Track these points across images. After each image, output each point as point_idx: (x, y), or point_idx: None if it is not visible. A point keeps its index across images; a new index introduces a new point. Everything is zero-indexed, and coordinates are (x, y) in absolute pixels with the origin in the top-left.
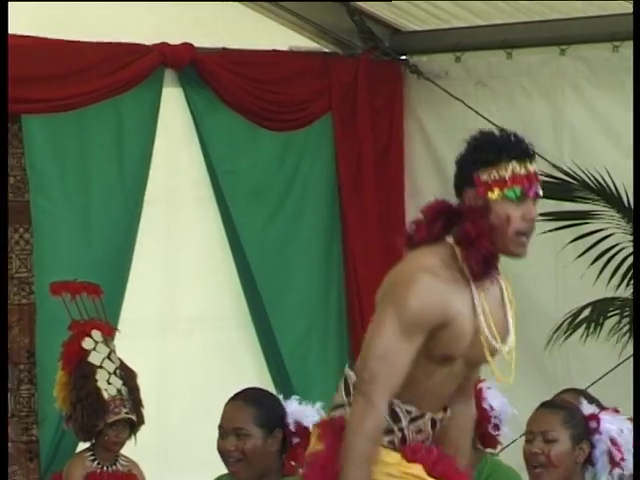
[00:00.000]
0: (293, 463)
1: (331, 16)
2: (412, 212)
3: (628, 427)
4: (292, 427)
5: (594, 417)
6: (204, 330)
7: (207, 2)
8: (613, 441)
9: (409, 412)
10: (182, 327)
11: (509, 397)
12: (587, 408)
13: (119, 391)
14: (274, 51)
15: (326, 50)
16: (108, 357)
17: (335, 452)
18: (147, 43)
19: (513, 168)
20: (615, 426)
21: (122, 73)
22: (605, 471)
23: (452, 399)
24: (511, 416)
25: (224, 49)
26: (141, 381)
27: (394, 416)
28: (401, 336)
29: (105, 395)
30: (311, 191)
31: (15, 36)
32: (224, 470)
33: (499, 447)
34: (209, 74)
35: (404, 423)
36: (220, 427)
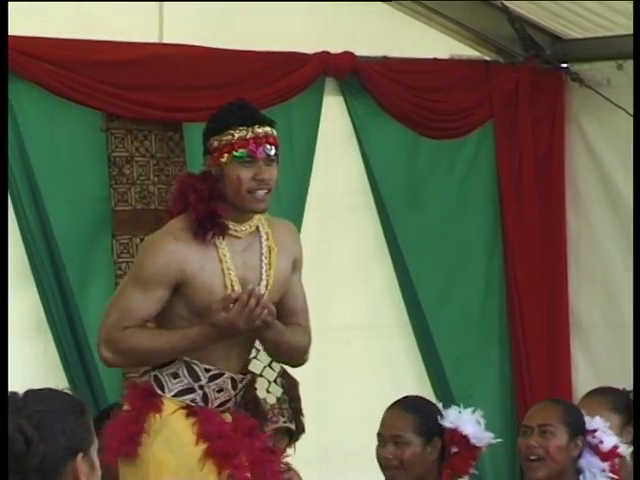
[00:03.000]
0: (450, 472)
1: (492, 23)
2: (573, 220)
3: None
4: (451, 436)
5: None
6: (362, 338)
7: (368, 11)
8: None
9: (208, 370)
10: (339, 335)
11: None
12: None
13: (278, 399)
14: (435, 59)
15: (487, 58)
16: (269, 365)
17: (138, 413)
18: (309, 52)
19: (239, 133)
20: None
21: (284, 82)
22: (597, 467)
23: None
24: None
25: (385, 57)
26: (301, 389)
27: (193, 374)
28: (139, 291)
29: (264, 404)
30: (472, 200)
31: (176, 45)
32: (382, 478)
33: None
34: (370, 82)
35: (203, 381)
36: (379, 435)
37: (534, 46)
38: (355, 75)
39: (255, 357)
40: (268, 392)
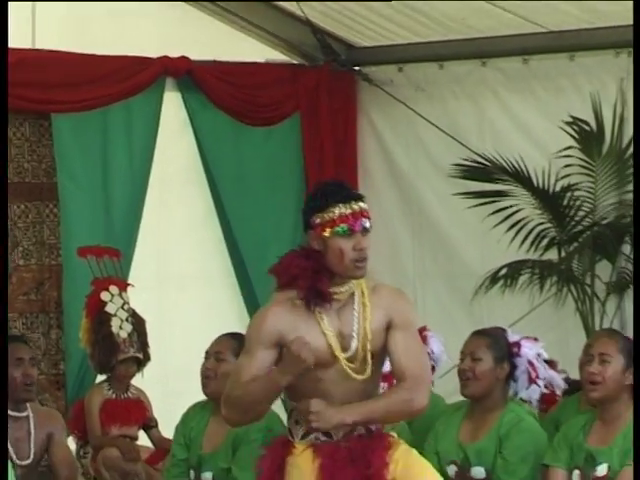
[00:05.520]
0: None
1: (299, 34)
2: (364, 192)
3: (543, 352)
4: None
5: (516, 343)
6: (195, 286)
7: (202, 22)
8: (530, 363)
9: None
10: (177, 283)
11: (448, 332)
12: (512, 337)
13: (129, 335)
14: (254, 63)
15: (295, 62)
16: (122, 307)
17: (277, 458)
18: (152, 56)
19: (339, 210)
20: (533, 351)
21: (132, 80)
22: (524, 387)
23: None
24: (446, 352)
25: (214, 61)
26: (147, 326)
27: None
28: (246, 356)
29: (117, 338)
30: (282, 175)
31: (45, 51)
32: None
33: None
34: (202, 81)
35: None
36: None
37: (332, 52)
38: (190, 75)
39: (111, 300)
40: (121, 329)
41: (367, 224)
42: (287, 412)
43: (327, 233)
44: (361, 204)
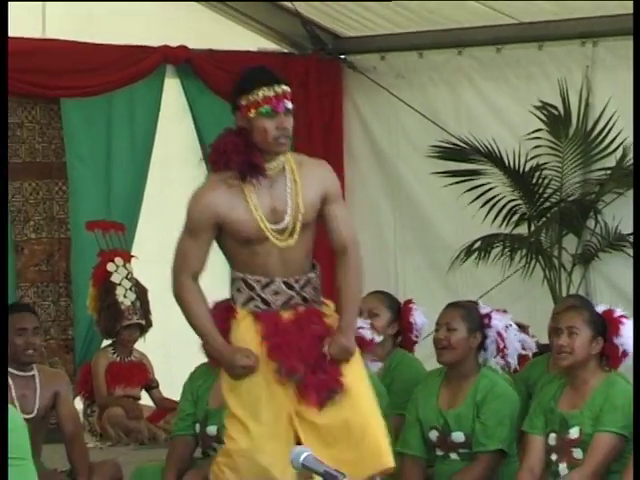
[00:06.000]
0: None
1: (289, 25)
2: (348, 172)
3: (512, 324)
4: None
5: (487, 315)
6: None
7: (201, 14)
8: (499, 334)
9: (259, 281)
10: None
11: (427, 301)
12: (483, 309)
13: (133, 302)
14: (247, 51)
15: (285, 50)
16: (126, 277)
17: (224, 321)
18: (153, 45)
19: (263, 92)
20: (502, 323)
21: (135, 68)
22: (492, 355)
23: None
24: (426, 321)
25: (211, 50)
26: (150, 295)
27: (249, 286)
28: (189, 236)
29: (122, 305)
30: None
31: (55, 40)
32: (198, 359)
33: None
34: (200, 68)
35: (258, 290)
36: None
37: (320, 42)
38: (189, 63)
39: (116, 271)
40: (125, 297)
41: (289, 105)
42: (230, 281)
43: (252, 114)
44: (284, 87)
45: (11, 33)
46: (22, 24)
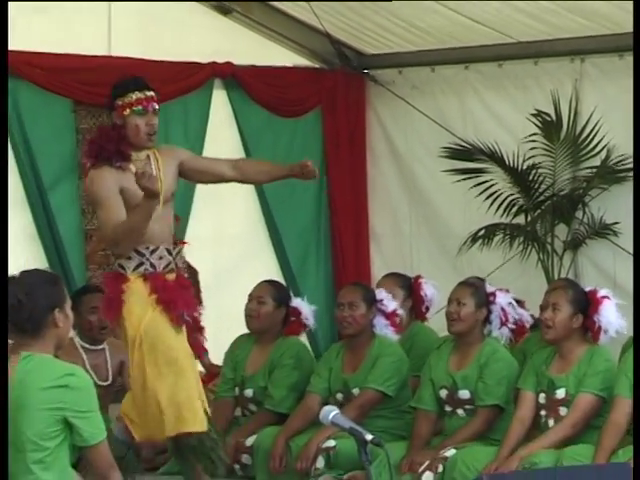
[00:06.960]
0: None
1: (320, 44)
2: (371, 171)
3: (513, 302)
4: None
5: (492, 293)
6: (237, 247)
7: (244, 34)
8: (502, 309)
9: (148, 247)
10: (229, 242)
11: (438, 281)
12: (489, 287)
13: None
14: (284, 67)
15: (316, 66)
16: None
17: (115, 289)
18: (203, 62)
19: (136, 95)
20: (505, 300)
21: (187, 81)
22: (496, 328)
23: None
24: (437, 297)
25: (253, 66)
26: (201, 276)
27: (139, 253)
28: (104, 208)
29: None
30: (307, 155)
31: (119, 57)
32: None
33: (429, 317)
34: (244, 82)
35: (147, 255)
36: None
37: (346, 59)
38: (234, 77)
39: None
40: None
41: (156, 106)
42: (113, 256)
43: (127, 112)
44: (152, 92)
45: (79, 50)
46: (90, 42)
